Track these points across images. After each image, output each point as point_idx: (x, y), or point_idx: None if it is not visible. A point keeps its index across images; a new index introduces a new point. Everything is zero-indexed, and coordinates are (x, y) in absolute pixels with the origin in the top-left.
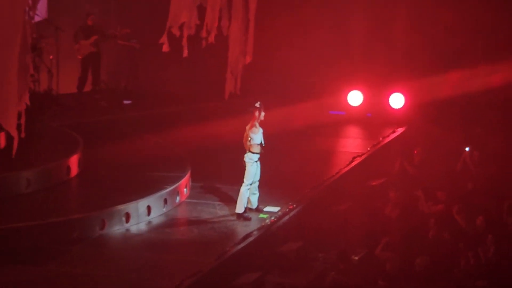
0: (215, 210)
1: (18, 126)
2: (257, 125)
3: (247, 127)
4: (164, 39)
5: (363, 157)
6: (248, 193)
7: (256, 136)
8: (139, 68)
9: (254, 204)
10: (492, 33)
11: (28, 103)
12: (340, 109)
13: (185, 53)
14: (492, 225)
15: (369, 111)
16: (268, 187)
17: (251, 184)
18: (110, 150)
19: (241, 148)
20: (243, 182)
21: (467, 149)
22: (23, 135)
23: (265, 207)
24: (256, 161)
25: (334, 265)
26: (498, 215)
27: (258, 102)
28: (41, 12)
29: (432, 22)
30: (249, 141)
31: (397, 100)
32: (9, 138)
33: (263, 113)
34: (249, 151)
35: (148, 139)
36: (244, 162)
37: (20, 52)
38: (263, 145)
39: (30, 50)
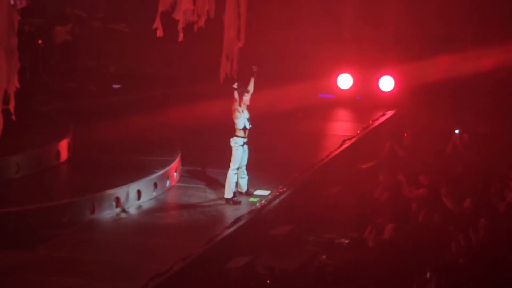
0: (205, 194)
1: (7, 110)
2: (240, 109)
3: (232, 108)
4: (157, 24)
5: (353, 140)
6: (235, 177)
7: (239, 121)
8: (129, 51)
9: (244, 187)
10: (482, 16)
11: (18, 86)
12: (329, 92)
13: (181, 37)
14: (480, 208)
15: (358, 94)
16: (258, 170)
17: (238, 168)
18: (100, 134)
19: (231, 131)
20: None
21: (456, 131)
22: (14, 118)
23: (255, 190)
24: (242, 145)
25: (324, 248)
26: (486, 197)
27: (236, 83)
28: None
29: (422, 5)
30: (235, 125)
31: (387, 83)
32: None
33: (248, 97)
34: (235, 135)
35: (138, 123)
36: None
37: (5, 35)
38: (247, 129)
39: (15, 33)
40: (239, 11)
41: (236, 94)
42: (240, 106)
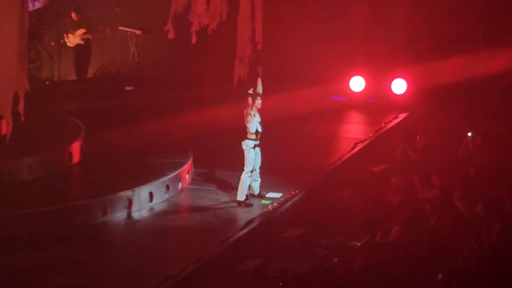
0: (217, 196)
1: (17, 111)
2: (252, 113)
3: (245, 112)
4: (169, 26)
5: (365, 143)
6: (249, 180)
7: (252, 125)
8: (141, 54)
9: (256, 190)
10: (494, 18)
11: (28, 88)
12: (342, 94)
13: (194, 39)
14: (492, 211)
15: (371, 96)
16: (270, 173)
17: (251, 171)
18: (112, 137)
19: (243, 134)
20: (243, 169)
21: (469, 134)
22: (22, 119)
23: (267, 193)
24: (253, 148)
25: (336, 251)
26: (499, 201)
27: (251, 89)
28: None
29: (434, 7)
30: (247, 128)
31: (399, 86)
32: (12, 125)
33: (259, 101)
34: (246, 138)
35: (150, 125)
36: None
37: (15, 37)
38: (260, 132)
39: (26, 35)
40: (254, 14)
41: (250, 100)
42: (252, 110)
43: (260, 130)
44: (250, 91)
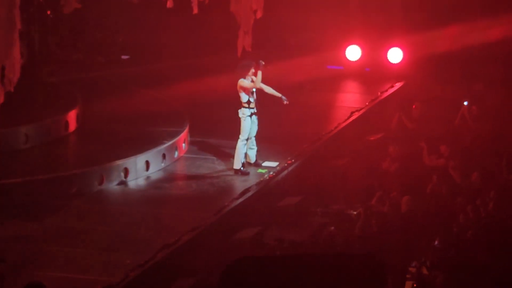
0: (213, 165)
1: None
2: (250, 79)
3: (246, 82)
4: None
5: (361, 112)
6: (244, 148)
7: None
8: (138, 22)
9: (252, 158)
10: None
11: (18, 58)
12: (338, 63)
13: (195, 10)
14: (488, 180)
15: (367, 65)
16: (267, 142)
17: (247, 139)
18: (109, 105)
19: (240, 103)
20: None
21: (465, 103)
22: (12, 89)
23: (263, 162)
24: (250, 116)
25: (333, 220)
26: (494, 170)
27: (263, 62)
28: None
29: None
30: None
31: (395, 55)
32: (8, 94)
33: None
34: (242, 106)
35: (146, 94)
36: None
37: (4, 8)
38: (255, 98)
39: (17, 5)
40: None
41: (260, 74)
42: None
43: (254, 98)
44: (262, 63)
